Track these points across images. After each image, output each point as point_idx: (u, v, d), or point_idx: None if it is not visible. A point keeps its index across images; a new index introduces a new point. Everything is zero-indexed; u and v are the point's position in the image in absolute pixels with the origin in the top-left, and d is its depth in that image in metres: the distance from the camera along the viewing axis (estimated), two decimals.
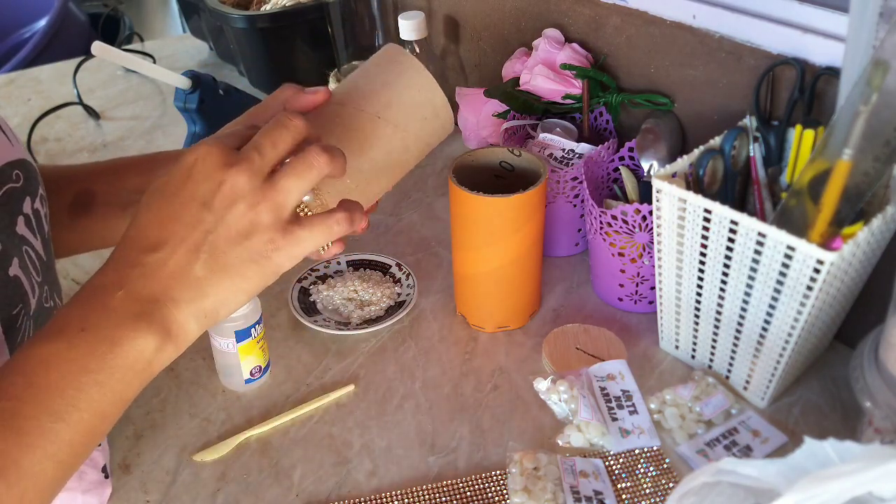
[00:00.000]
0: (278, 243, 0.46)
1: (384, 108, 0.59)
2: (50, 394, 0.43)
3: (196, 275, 0.45)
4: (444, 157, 1.12)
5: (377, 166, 0.59)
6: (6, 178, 0.56)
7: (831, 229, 0.61)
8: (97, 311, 0.45)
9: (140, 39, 1.62)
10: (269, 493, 0.65)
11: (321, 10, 1.20)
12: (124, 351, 0.45)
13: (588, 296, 0.85)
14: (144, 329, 0.45)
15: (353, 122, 0.58)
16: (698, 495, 0.45)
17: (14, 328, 0.53)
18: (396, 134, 0.60)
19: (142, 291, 0.45)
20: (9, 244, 0.54)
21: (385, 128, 0.59)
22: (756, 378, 0.69)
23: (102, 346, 0.44)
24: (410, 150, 0.62)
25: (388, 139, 0.59)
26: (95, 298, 0.46)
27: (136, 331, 0.45)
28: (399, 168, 0.62)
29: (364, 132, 0.58)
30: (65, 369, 0.44)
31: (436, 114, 0.63)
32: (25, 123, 1.25)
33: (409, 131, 0.61)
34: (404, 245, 0.94)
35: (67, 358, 0.44)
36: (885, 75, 0.58)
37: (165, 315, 0.45)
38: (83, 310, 0.46)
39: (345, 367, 0.77)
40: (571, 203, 0.87)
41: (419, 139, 0.62)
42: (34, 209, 0.59)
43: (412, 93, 0.61)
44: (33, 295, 0.56)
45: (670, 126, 0.84)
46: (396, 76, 0.60)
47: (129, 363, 0.45)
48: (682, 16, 0.80)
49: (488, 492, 0.64)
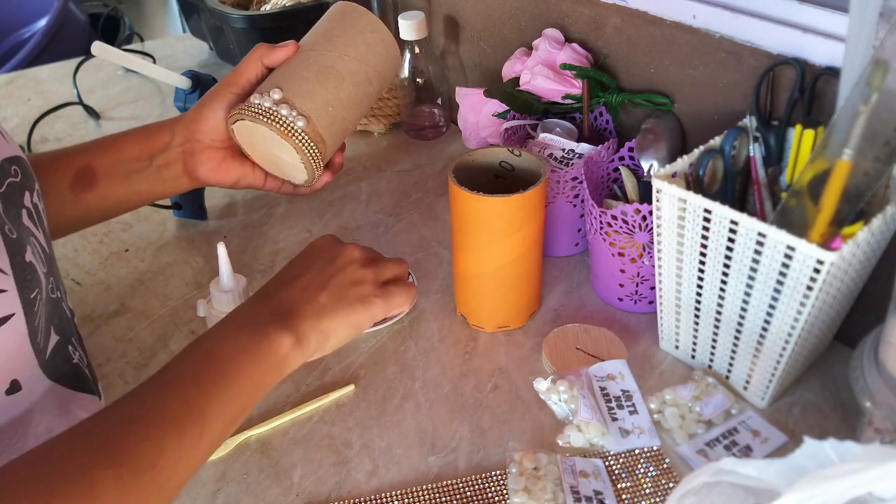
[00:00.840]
0: (377, 293, 0.64)
1: (347, 47, 0.76)
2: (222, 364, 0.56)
3: (321, 303, 0.61)
4: (444, 157, 1.12)
5: (350, 95, 0.76)
6: (6, 173, 0.58)
7: (831, 229, 0.61)
8: (252, 316, 0.60)
9: (140, 39, 1.62)
10: (269, 493, 0.65)
11: (321, 10, 1.19)
12: (272, 342, 0.58)
13: (588, 296, 0.85)
14: (285, 331, 0.58)
15: (325, 60, 0.75)
16: (698, 495, 0.45)
17: (32, 312, 0.56)
18: (361, 68, 0.76)
19: (282, 307, 0.60)
20: (21, 233, 0.57)
21: (351, 63, 0.75)
22: (756, 378, 0.69)
23: (258, 334, 0.58)
24: (373, 82, 0.77)
25: (355, 72, 0.75)
26: (249, 310, 0.61)
27: (279, 331, 0.58)
28: (366, 99, 0.78)
29: (335, 68, 0.75)
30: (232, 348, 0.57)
31: (388, 51, 0.79)
32: (25, 123, 1.25)
33: (370, 65, 0.76)
34: (404, 245, 0.94)
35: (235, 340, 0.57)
36: (885, 75, 0.58)
37: (298, 326, 0.59)
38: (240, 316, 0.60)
39: (345, 367, 0.77)
40: (571, 203, 0.87)
41: (378, 72, 0.78)
42: (33, 203, 0.61)
43: (366, 35, 0.77)
44: (44, 283, 0.59)
45: (670, 126, 0.84)
46: (351, 23, 0.77)
47: (274, 349, 0.58)
48: (682, 16, 0.80)
49: (488, 492, 0.64)
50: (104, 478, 0.47)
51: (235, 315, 0.61)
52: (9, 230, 0.55)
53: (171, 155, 0.79)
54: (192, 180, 0.81)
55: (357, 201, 1.03)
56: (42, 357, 0.58)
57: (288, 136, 0.73)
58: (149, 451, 0.50)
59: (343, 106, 0.76)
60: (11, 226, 0.56)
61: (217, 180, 0.81)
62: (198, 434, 0.52)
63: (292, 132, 0.73)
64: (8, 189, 0.57)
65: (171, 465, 0.50)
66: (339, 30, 0.77)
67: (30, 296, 0.56)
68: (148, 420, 0.51)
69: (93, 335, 0.83)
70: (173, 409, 0.52)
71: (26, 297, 0.55)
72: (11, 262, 0.54)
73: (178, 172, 0.80)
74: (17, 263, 0.55)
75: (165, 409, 0.52)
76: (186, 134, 0.79)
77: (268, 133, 0.74)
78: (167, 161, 0.79)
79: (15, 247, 0.55)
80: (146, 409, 0.52)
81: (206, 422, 0.53)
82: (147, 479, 0.49)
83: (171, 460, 0.50)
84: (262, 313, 0.60)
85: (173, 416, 0.52)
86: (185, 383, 0.54)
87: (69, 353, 0.63)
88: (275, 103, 0.73)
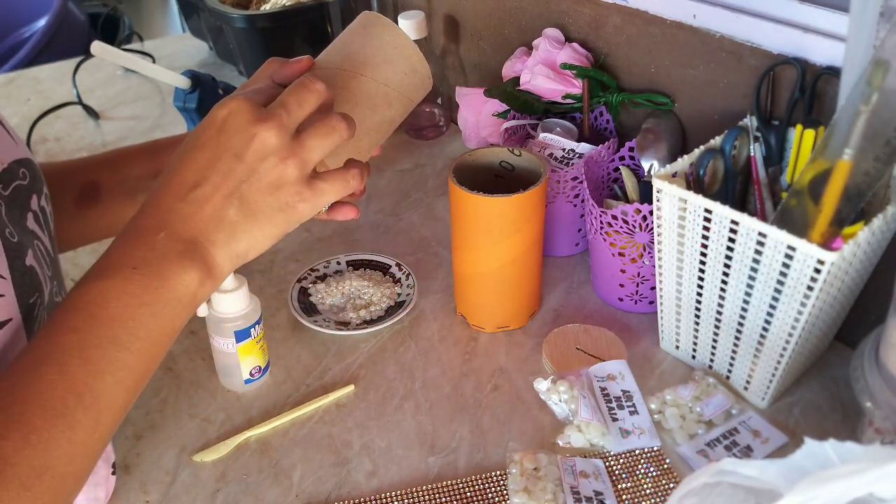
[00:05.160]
0: (304, 195, 0.51)
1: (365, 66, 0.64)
2: (112, 325, 0.47)
3: (230, 220, 0.50)
4: (444, 157, 1.12)
5: (366, 121, 0.63)
6: (14, 176, 0.57)
7: (832, 229, 0.61)
8: (143, 251, 0.49)
9: (140, 39, 1.62)
10: (269, 493, 0.65)
11: (321, 9, 1.20)
12: (173, 285, 0.49)
13: (588, 296, 0.84)
14: (188, 266, 0.49)
15: (339, 81, 0.62)
16: (699, 496, 0.45)
17: (31, 317, 0.55)
18: (380, 89, 0.64)
19: (182, 233, 0.49)
20: (23, 236, 0.56)
21: (369, 84, 0.63)
22: (756, 378, 0.69)
23: (155, 280, 0.48)
24: (394, 106, 0.66)
25: (373, 95, 0.63)
26: (139, 240, 0.49)
27: (181, 267, 0.49)
28: (386, 124, 0.66)
29: (350, 90, 0.62)
30: (123, 302, 0.47)
31: (414, 69, 0.66)
32: (25, 123, 1.25)
33: (391, 86, 0.65)
34: (404, 245, 0.94)
35: (125, 292, 0.48)
36: (886, 75, 0.58)
37: (205, 254, 0.50)
38: (130, 249, 0.49)
39: (345, 368, 0.77)
40: (571, 203, 0.87)
41: (401, 94, 0.66)
42: (40, 206, 0.61)
43: (389, 51, 0.65)
44: (46, 287, 0.58)
45: (670, 126, 0.84)
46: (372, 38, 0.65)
47: (178, 296, 0.49)
48: (682, 15, 0.80)
49: (488, 492, 0.64)
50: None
51: (122, 249, 0.49)
52: (9, 234, 0.55)
53: None
54: None
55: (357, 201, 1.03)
56: None
57: None
58: (32, 457, 0.43)
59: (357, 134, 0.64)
60: (13, 229, 0.55)
61: None
62: (92, 421, 0.45)
63: None
64: (14, 192, 0.57)
65: (63, 466, 0.44)
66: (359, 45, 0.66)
67: (29, 300, 0.55)
68: (27, 418, 0.43)
69: None
70: (56, 397, 0.44)
71: (25, 302, 0.54)
72: (10, 267, 0.53)
73: None
74: (17, 268, 0.54)
75: (46, 397, 0.44)
76: None
77: None
78: None
79: (15, 251, 0.54)
80: (22, 402, 0.44)
81: (100, 405, 0.45)
82: (38, 491, 0.43)
83: (63, 461, 0.44)
84: (156, 244, 0.49)
85: (58, 405, 0.44)
86: (67, 356, 0.45)
87: None
88: None
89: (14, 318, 0.53)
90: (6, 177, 0.57)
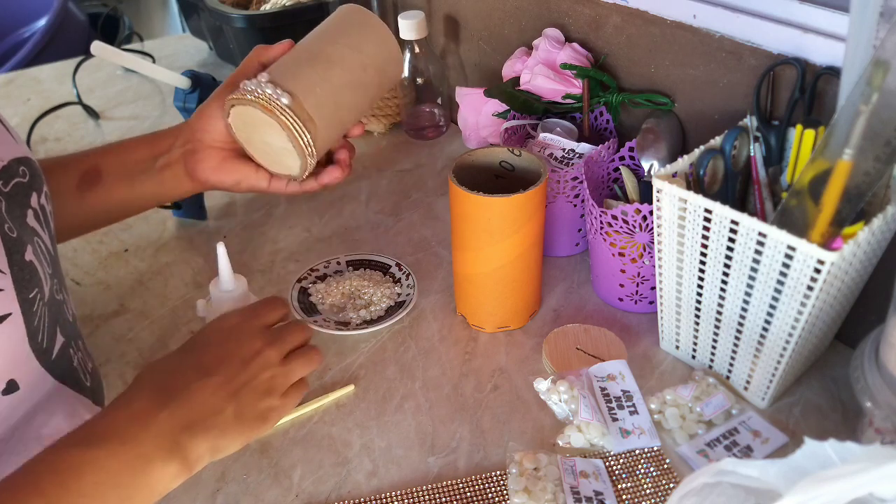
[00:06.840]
0: (279, 410, 0.58)
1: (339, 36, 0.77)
2: (79, 501, 0.48)
3: (225, 416, 0.54)
4: (444, 157, 1.12)
5: (341, 79, 0.76)
6: (14, 173, 0.58)
7: (832, 229, 0.61)
8: (138, 428, 0.51)
9: (140, 39, 1.62)
10: (269, 493, 0.65)
11: (321, 9, 1.20)
12: (152, 471, 0.50)
13: (588, 296, 0.85)
14: (175, 455, 0.51)
15: (314, 48, 0.77)
16: (699, 496, 0.45)
17: (31, 311, 0.56)
18: (353, 55, 0.77)
19: (182, 418, 0.52)
20: (22, 232, 0.57)
21: (341, 49, 0.77)
22: (756, 378, 0.69)
23: (138, 463, 0.50)
24: (368, 70, 0.78)
25: (346, 58, 0.76)
26: (140, 413, 0.52)
27: (170, 454, 0.51)
28: (362, 87, 0.78)
29: (325, 52, 0.76)
30: (98, 479, 0.49)
31: (383, 40, 0.79)
32: (25, 123, 1.25)
33: (364, 52, 0.77)
34: (404, 245, 0.94)
35: (103, 468, 0.49)
36: (886, 75, 0.58)
37: (193, 445, 0.52)
38: (127, 422, 0.51)
39: (345, 368, 0.77)
40: (571, 203, 0.87)
41: (374, 61, 0.78)
42: (40, 204, 0.61)
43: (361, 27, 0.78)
44: (46, 283, 0.59)
45: (670, 126, 0.84)
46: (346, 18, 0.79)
47: (152, 484, 0.51)
48: (682, 15, 0.80)
49: (488, 492, 0.64)
50: None
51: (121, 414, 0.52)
52: (9, 229, 0.55)
53: (173, 156, 0.80)
54: (194, 182, 0.81)
55: (357, 201, 1.03)
56: (46, 357, 0.58)
57: (272, 112, 0.73)
58: None
59: (333, 89, 0.76)
60: (12, 224, 0.56)
61: (217, 180, 0.81)
62: None
63: (276, 108, 0.73)
64: (14, 189, 0.58)
65: None
66: (334, 25, 0.79)
67: (28, 295, 0.55)
68: None
69: (92, 335, 0.83)
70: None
71: (24, 297, 0.55)
72: (10, 261, 0.54)
73: (179, 173, 0.80)
74: (16, 262, 0.55)
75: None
76: (188, 135, 0.80)
77: (255, 115, 0.74)
78: (169, 162, 0.80)
79: (15, 246, 0.55)
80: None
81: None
82: None
83: None
84: (154, 424, 0.51)
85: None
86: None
87: (70, 356, 0.63)
88: (260, 84, 0.74)
89: (14, 312, 0.54)
90: (6, 174, 0.57)
